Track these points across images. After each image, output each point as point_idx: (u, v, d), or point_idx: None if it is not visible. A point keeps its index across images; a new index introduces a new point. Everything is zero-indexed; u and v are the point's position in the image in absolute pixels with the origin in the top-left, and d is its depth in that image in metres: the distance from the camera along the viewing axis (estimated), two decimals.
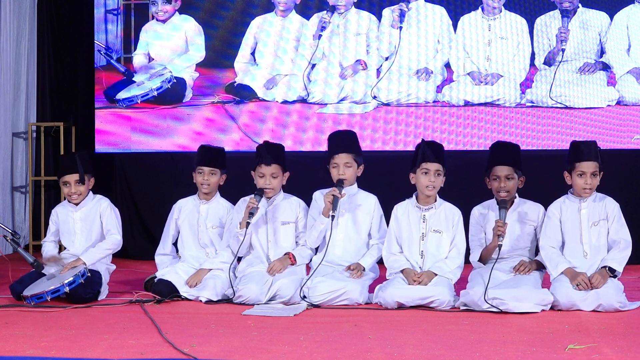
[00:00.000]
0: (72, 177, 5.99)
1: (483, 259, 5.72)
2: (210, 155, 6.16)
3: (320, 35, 7.86)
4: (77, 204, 6.07)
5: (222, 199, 6.19)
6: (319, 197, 5.88)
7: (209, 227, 6.12)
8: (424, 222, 5.72)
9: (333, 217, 5.69)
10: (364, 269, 5.79)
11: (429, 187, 5.64)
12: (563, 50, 7.65)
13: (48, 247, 6.15)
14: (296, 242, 6.01)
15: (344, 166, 5.84)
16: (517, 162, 5.72)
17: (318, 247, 5.97)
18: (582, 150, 5.56)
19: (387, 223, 5.87)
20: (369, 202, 5.96)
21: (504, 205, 5.55)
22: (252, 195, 5.81)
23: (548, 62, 7.71)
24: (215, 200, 6.16)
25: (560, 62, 7.65)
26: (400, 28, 7.82)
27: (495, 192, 5.72)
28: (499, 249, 5.46)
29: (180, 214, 6.22)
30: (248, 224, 5.74)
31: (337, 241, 5.88)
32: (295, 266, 5.86)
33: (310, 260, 5.96)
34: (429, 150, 5.64)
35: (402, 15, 7.82)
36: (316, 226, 5.83)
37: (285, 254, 5.90)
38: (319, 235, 5.83)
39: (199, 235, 6.14)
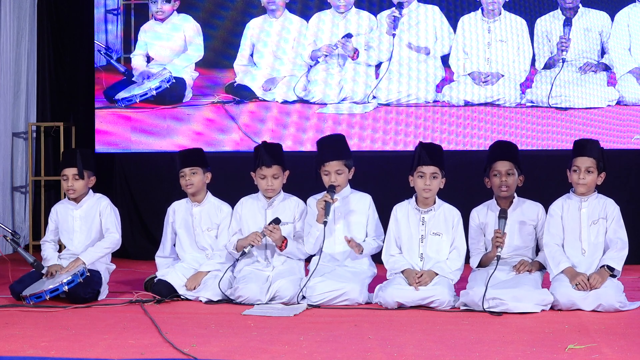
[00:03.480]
0: (71, 170, 6.00)
1: (482, 264, 5.73)
2: (188, 156, 6.17)
3: (393, 34, 7.81)
4: (76, 202, 6.07)
5: (214, 198, 6.18)
6: (313, 203, 5.86)
7: (204, 229, 6.11)
8: (423, 224, 5.71)
9: (326, 222, 5.68)
10: (362, 251, 5.77)
11: (425, 190, 5.63)
12: (564, 60, 7.65)
13: (48, 252, 6.10)
14: None
15: (335, 173, 5.82)
16: (516, 159, 5.73)
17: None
18: (578, 146, 5.58)
19: (386, 224, 5.86)
20: (364, 203, 5.94)
21: (503, 215, 5.54)
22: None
23: (548, 66, 7.71)
24: (207, 202, 6.15)
25: (560, 69, 7.65)
26: (394, 35, 7.82)
27: (496, 188, 5.72)
28: (497, 260, 5.47)
29: (175, 216, 6.22)
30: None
31: (336, 245, 5.88)
32: (292, 265, 5.86)
33: (308, 260, 5.96)
34: (425, 153, 5.63)
35: (395, 21, 7.81)
36: (312, 233, 5.81)
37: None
38: (316, 242, 5.80)
39: (196, 238, 6.13)
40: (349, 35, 7.80)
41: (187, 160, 6.10)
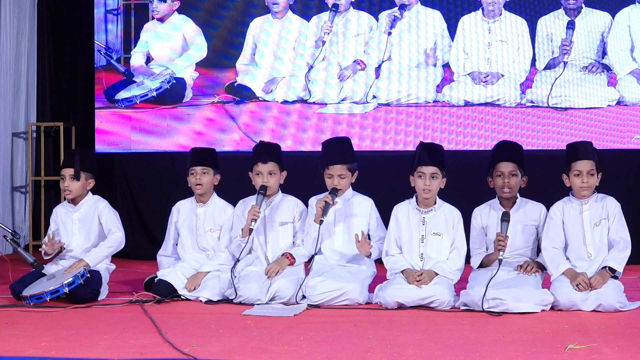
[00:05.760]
0: (68, 171, 6.00)
1: (483, 265, 5.72)
2: (201, 155, 6.16)
3: (389, 32, 7.79)
4: (74, 204, 6.07)
5: (219, 199, 6.18)
6: (315, 203, 5.86)
7: (207, 230, 6.10)
8: (423, 224, 5.71)
9: (322, 221, 5.68)
10: (369, 254, 5.78)
11: (425, 191, 5.63)
12: (565, 62, 7.65)
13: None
14: (293, 242, 6.01)
15: (338, 177, 5.83)
16: (520, 160, 5.73)
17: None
18: (577, 150, 5.57)
19: (386, 223, 5.86)
20: (365, 206, 5.95)
21: (506, 218, 5.53)
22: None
23: (549, 67, 7.71)
24: (212, 202, 6.14)
25: (562, 72, 7.64)
26: (390, 34, 7.81)
27: (498, 189, 5.71)
28: (500, 263, 5.46)
29: (179, 216, 6.21)
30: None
31: (335, 247, 5.88)
32: (294, 266, 5.85)
33: (309, 260, 5.96)
34: (425, 153, 5.63)
35: (394, 21, 7.81)
36: (310, 233, 5.81)
37: (282, 255, 5.89)
38: (313, 242, 5.80)
39: (198, 239, 6.13)
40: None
41: (200, 159, 6.08)
